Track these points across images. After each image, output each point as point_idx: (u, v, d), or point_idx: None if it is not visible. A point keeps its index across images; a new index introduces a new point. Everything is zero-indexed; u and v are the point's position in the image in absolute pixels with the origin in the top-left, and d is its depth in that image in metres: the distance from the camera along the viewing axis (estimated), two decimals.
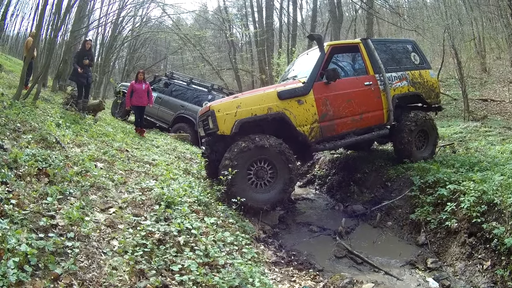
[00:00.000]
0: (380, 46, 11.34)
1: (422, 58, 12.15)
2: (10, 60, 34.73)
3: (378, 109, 10.65)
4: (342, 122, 10.06)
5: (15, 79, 19.26)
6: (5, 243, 3.75)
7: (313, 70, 9.87)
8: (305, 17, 49.77)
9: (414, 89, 11.41)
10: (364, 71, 10.92)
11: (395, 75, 11.06)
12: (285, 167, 8.95)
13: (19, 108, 9.89)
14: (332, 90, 9.87)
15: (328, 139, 9.97)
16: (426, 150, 11.54)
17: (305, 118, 9.46)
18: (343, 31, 31.26)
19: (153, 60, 59.58)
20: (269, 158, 8.90)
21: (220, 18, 43.69)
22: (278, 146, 8.80)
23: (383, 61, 10.92)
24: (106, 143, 10.47)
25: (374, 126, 10.76)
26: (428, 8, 37.69)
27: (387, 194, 10.11)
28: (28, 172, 5.87)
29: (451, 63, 27.03)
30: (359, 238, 8.65)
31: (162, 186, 7.40)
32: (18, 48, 55.01)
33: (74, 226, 4.74)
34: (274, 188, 8.93)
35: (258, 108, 8.99)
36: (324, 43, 10.35)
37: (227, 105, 9.06)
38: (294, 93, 9.41)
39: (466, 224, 7.28)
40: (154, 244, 4.97)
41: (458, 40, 24.77)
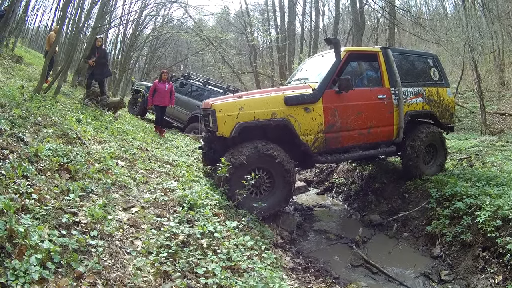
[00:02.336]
0: (400, 57, 10.97)
1: (442, 74, 11.72)
2: (29, 52, 34.95)
3: (388, 125, 10.27)
4: (348, 135, 9.68)
5: (34, 72, 19.38)
6: (28, 239, 3.77)
7: (325, 76, 9.45)
8: (326, 23, 49.51)
9: (428, 107, 11.01)
10: (379, 83, 10.41)
11: (411, 90, 10.66)
12: (282, 178, 8.63)
13: (40, 101, 9.97)
14: (343, 100, 9.48)
15: (331, 152, 9.61)
16: (434, 165, 11.25)
17: (310, 127, 9.08)
18: (364, 39, 31.06)
19: (174, 60, 59.60)
20: (267, 168, 8.60)
21: (242, 21, 43.54)
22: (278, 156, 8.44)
23: (401, 74, 10.47)
24: (127, 141, 10.51)
25: (381, 142, 10.37)
26: (449, 19, 37.49)
27: (404, 205, 10.06)
28: (49, 167, 5.93)
29: (470, 75, 26.89)
30: (375, 247, 8.64)
31: (184, 188, 7.42)
32: (38, 41, 55.30)
33: (97, 224, 4.79)
34: (269, 198, 8.60)
35: (261, 112, 8.61)
36: (341, 48, 9.82)
37: (229, 105, 8.72)
38: (302, 100, 9.00)
39: (481, 238, 7.32)
40: (178, 246, 5.00)
41: (478, 53, 24.59)
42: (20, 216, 4.17)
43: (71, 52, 16.75)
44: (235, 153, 8.32)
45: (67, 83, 19.64)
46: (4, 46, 20.82)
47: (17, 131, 6.71)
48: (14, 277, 3.35)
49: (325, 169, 14.88)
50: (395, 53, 10.74)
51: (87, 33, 25.81)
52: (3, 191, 4.44)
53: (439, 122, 11.36)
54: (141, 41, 38.29)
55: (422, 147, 10.62)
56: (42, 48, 48.47)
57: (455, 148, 14.13)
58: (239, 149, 8.38)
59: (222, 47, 39.02)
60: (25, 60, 22.98)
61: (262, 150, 8.32)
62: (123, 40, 38.86)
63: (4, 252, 3.55)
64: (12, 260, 3.48)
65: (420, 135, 10.64)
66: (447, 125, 11.70)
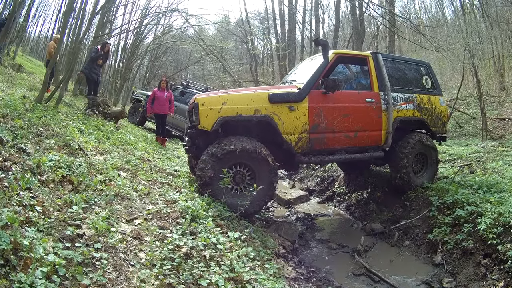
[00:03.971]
0: (391, 63, 10.93)
1: (435, 83, 11.69)
2: (30, 61, 34.96)
3: (376, 129, 10.20)
4: (334, 137, 9.60)
5: (35, 81, 19.45)
6: (33, 252, 3.78)
7: (312, 76, 9.45)
8: (326, 31, 49.48)
9: (419, 114, 10.94)
10: (368, 87, 10.38)
11: (402, 96, 10.62)
12: (264, 173, 8.59)
13: (41, 111, 9.98)
14: (329, 101, 9.44)
15: (316, 152, 9.50)
16: (425, 175, 11.09)
17: (294, 126, 9.01)
18: (364, 46, 31.09)
19: (174, 69, 59.49)
20: (248, 163, 8.53)
21: (242, 30, 43.50)
22: (257, 150, 8.38)
23: (392, 80, 10.47)
24: (128, 152, 10.54)
25: (369, 146, 10.26)
26: (449, 25, 37.57)
27: (405, 213, 10.05)
28: (52, 179, 5.93)
29: (470, 81, 26.91)
30: (377, 256, 8.64)
31: (186, 199, 7.43)
32: (38, 50, 55.42)
33: (100, 236, 4.79)
34: (246, 196, 8.28)
35: (244, 108, 8.63)
36: (329, 51, 9.86)
37: (212, 99, 8.77)
38: (286, 98, 8.99)
39: (482, 245, 7.32)
40: (181, 258, 5.01)
41: (478, 58, 24.62)
42: (24, 229, 4.17)
43: (72, 62, 16.81)
44: (225, 141, 8.33)
45: (68, 92, 19.68)
46: (5, 54, 20.87)
47: (19, 142, 6.69)
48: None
49: (327, 178, 14.89)
50: (386, 59, 10.74)
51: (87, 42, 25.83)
52: (6, 203, 4.43)
53: (431, 130, 11.33)
54: (142, 50, 38.34)
55: (411, 156, 10.58)
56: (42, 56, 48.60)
57: (456, 155, 14.10)
58: (231, 139, 8.40)
59: (223, 56, 38.93)
60: (26, 68, 23.05)
61: (251, 146, 8.30)
62: (124, 49, 38.84)
63: (9, 265, 3.54)
64: (17, 273, 3.49)
65: (409, 143, 10.59)
66: (439, 134, 11.66)
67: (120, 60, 39.42)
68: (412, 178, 10.62)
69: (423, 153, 10.95)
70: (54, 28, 48.09)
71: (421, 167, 11.15)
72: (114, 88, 35.68)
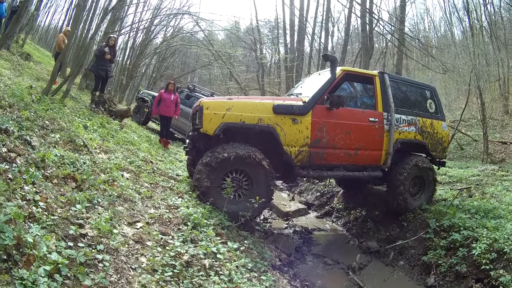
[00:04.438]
0: (397, 84, 10.96)
1: (438, 107, 11.69)
2: (38, 50, 35.05)
3: (377, 149, 10.23)
4: (334, 153, 9.61)
5: (42, 71, 19.50)
6: (36, 249, 3.79)
7: (317, 91, 9.51)
8: (335, 44, 49.50)
9: (421, 138, 10.92)
10: (372, 106, 10.45)
11: (405, 118, 10.61)
12: (260, 177, 8.61)
13: (48, 104, 9.99)
14: (332, 117, 9.45)
15: (315, 167, 9.53)
16: (422, 196, 11.02)
17: (296, 139, 9.04)
18: (372, 62, 31.11)
19: (181, 71, 59.41)
20: (244, 169, 8.54)
21: (251, 38, 43.45)
22: (251, 155, 8.37)
23: (396, 101, 10.47)
24: (132, 152, 10.56)
25: (368, 165, 10.28)
26: (457, 45, 37.54)
27: (402, 233, 10.08)
28: (56, 174, 5.95)
29: (474, 103, 26.88)
30: (371, 274, 8.65)
31: (188, 206, 7.45)
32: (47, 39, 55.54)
33: (103, 238, 4.81)
34: (247, 201, 8.35)
35: (248, 116, 8.65)
36: (337, 67, 9.91)
37: (217, 104, 8.80)
38: (290, 110, 9.01)
39: (475, 270, 7.41)
40: (182, 266, 5.04)
41: (484, 81, 24.64)
42: (28, 225, 4.19)
43: (82, 57, 16.85)
44: (219, 149, 8.35)
45: (75, 86, 19.72)
46: (14, 41, 20.94)
47: (24, 134, 6.70)
48: (22, 286, 3.38)
49: (326, 193, 14.91)
50: (393, 79, 10.76)
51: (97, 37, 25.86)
52: (10, 196, 4.45)
53: (431, 155, 11.34)
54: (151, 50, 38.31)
55: (407, 182, 10.52)
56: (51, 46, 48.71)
57: (455, 177, 14.13)
58: (224, 146, 8.42)
59: (231, 62, 38.80)
60: (34, 58, 23.09)
61: (244, 152, 8.31)
62: (133, 47, 38.80)
63: (11, 260, 3.56)
64: (19, 269, 3.51)
65: (407, 165, 10.56)
66: (439, 159, 11.66)
67: (128, 57, 39.46)
68: (410, 202, 10.60)
69: (419, 175, 10.89)
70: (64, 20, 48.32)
71: (418, 189, 11.10)
72: (120, 85, 35.71)
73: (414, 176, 10.75)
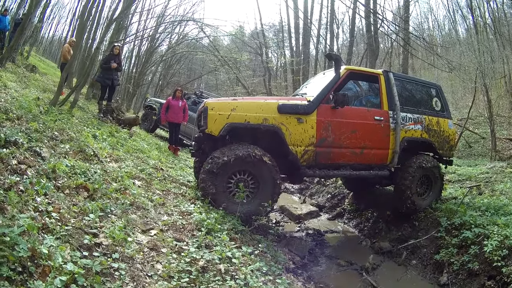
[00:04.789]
0: (402, 82, 10.91)
1: (444, 105, 11.65)
2: (43, 62, 35.18)
3: (383, 148, 10.16)
4: (340, 152, 9.58)
5: (48, 82, 19.61)
6: (52, 260, 3.78)
7: (322, 90, 9.51)
8: (340, 46, 49.34)
9: (427, 136, 10.85)
10: (378, 105, 10.43)
11: (411, 116, 10.55)
12: (265, 174, 8.57)
13: (56, 115, 10.05)
14: (338, 116, 9.43)
15: (321, 166, 9.50)
16: (431, 194, 10.97)
17: (301, 138, 9.03)
18: (378, 62, 31.02)
19: (188, 78, 59.47)
20: (247, 169, 8.53)
21: (257, 42, 43.39)
22: (250, 154, 8.33)
23: (401, 99, 10.46)
24: (142, 160, 10.59)
25: (374, 164, 10.25)
26: (462, 43, 37.45)
27: (414, 233, 10.05)
28: (67, 185, 5.95)
29: (481, 100, 26.80)
30: (384, 274, 8.64)
31: (200, 211, 7.45)
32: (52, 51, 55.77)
33: (118, 246, 4.82)
34: (255, 201, 8.50)
35: (253, 116, 8.66)
36: (342, 66, 9.91)
37: (222, 105, 8.82)
38: (295, 110, 9.03)
39: (487, 267, 7.37)
40: (198, 271, 5.04)
41: (489, 78, 24.55)
42: (42, 236, 4.19)
43: (88, 67, 16.91)
44: (217, 154, 8.35)
45: (82, 96, 19.78)
46: (19, 54, 21.02)
47: (34, 145, 6.73)
48: None
49: (337, 194, 14.88)
50: (397, 78, 10.71)
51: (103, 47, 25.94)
52: (22, 208, 4.46)
53: (438, 153, 11.28)
54: (156, 57, 38.37)
55: (413, 185, 10.48)
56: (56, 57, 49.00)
57: (465, 175, 14.12)
58: (222, 150, 8.42)
59: (237, 67, 38.70)
60: (39, 69, 23.19)
61: (243, 152, 8.30)
62: (138, 55, 38.88)
63: (27, 272, 3.55)
64: (35, 281, 3.50)
65: (412, 167, 10.50)
66: (446, 157, 11.62)
67: (134, 65, 39.53)
68: (418, 203, 10.53)
69: (426, 174, 10.84)
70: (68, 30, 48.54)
71: (426, 188, 11.04)
72: (127, 93, 35.78)
73: (420, 176, 10.70)
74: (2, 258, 3.37)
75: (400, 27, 25.33)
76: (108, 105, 15.53)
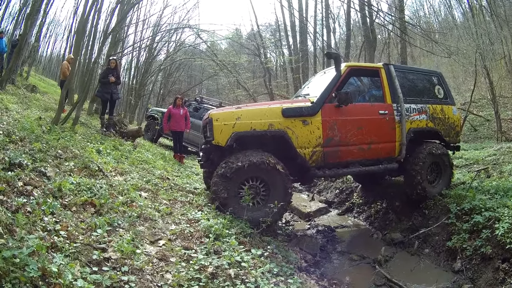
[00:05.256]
0: (403, 74, 10.81)
1: (447, 92, 11.54)
2: (43, 81, 35.22)
3: (390, 141, 10.10)
4: (348, 150, 9.54)
5: (50, 101, 19.65)
6: (62, 278, 3.78)
7: (324, 90, 9.47)
8: (338, 40, 49.24)
9: (432, 125, 10.78)
10: (381, 99, 10.31)
11: (414, 107, 10.48)
12: (277, 182, 8.54)
13: (59, 133, 10.07)
14: (342, 114, 9.39)
15: (330, 166, 9.44)
16: (441, 182, 10.90)
17: (308, 140, 8.99)
18: (376, 53, 30.92)
19: (188, 85, 59.54)
20: (259, 175, 8.49)
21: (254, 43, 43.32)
22: (264, 161, 8.32)
23: (404, 91, 10.37)
24: (147, 171, 10.60)
25: (383, 158, 10.15)
26: (459, 28, 37.38)
27: (424, 221, 10.00)
28: (74, 202, 5.99)
29: (483, 83, 26.76)
30: (397, 265, 8.63)
31: (208, 218, 7.44)
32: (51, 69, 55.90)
33: (127, 259, 4.83)
34: (266, 206, 8.39)
35: (258, 123, 8.63)
36: (342, 63, 9.79)
37: (226, 115, 8.78)
38: (300, 112, 8.99)
39: (500, 251, 7.34)
40: (207, 278, 5.02)
41: (489, 60, 24.47)
42: (51, 255, 4.20)
43: (87, 82, 16.99)
44: (232, 159, 8.35)
45: (84, 111, 19.84)
46: (18, 75, 21.08)
47: (38, 166, 6.78)
48: None
49: (345, 189, 14.84)
50: (398, 70, 10.66)
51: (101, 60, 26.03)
52: (31, 229, 4.48)
53: (444, 140, 11.18)
54: (155, 67, 38.44)
55: (424, 171, 10.44)
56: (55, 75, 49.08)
57: (472, 159, 14.06)
58: (237, 156, 8.42)
59: (236, 70, 38.59)
60: (39, 89, 23.24)
61: (258, 158, 8.30)
62: (137, 66, 39.00)
63: None
64: None
65: (422, 153, 10.46)
66: (453, 144, 11.53)
67: (134, 77, 39.64)
68: (429, 190, 10.46)
69: (435, 162, 10.79)
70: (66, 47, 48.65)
71: (436, 175, 10.97)
72: (129, 105, 35.86)
73: (430, 163, 10.64)
74: (14, 279, 3.39)
75: (395, 17, 25.27)
76: (110, 119, 15.60)
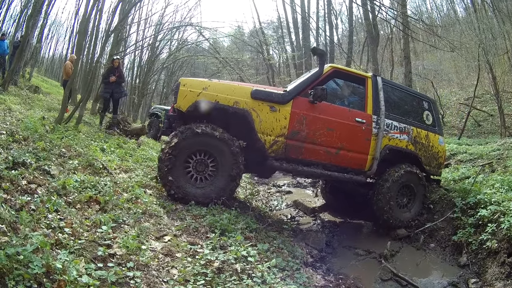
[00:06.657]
0: (391, 89, 10.53)
1: (436, 120, 11.16)
2: (46, 81, 35.32)
3: (362, 152, 9.62)
4: (313, 148, 9.13)
5: (53, 101, 19.67)
6: (66, 274, 3.77)
7: (301, 82, 9.34)
8: (340, 36, 49.14)
9: (413, 148, 10.25)
10: (362, 107, 9.88)
11: (396, 124, 10.00)
12: (226, 158, 8.29)
13: (62, 132, 10.09)
14: (315, 110, 9.04)
15: (290, 160, 9.04)
16: (412, 210, 10.23)
17: (272, 127, 8.70)
18: (379, 49, 30.87)
19: None
20: (209, 150, 8.28)
21: (257, 40, 43.30)
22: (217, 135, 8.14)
23: (388, 106, 9.96)
24: (152, 168, 10.53)
25: (351, 168, 9.67)
26: (461, 23, 37.27)
27: (430, 216, 9.98)
28: (78, 199, 5.98)
29: (486, 78, 26.71)
30: (403, 260, 8.63)
31: (213, 213, 7.43)
32: (53, 70, 55.97)
33: (132, 255, 4.82)
34: (214, 183, 8.27)
35: (224, 97, 8.44)
36: (326, 62, 9.56)
37: (194, 82, 8.73)
38: (269, 97, 8.75)
39: (506, 244, 7.33)
40: (214, 273, 5.01)
41: (492, 55, 24.40)
42: (56, 252, 4.19)
43: (90, 82, 17.01)
44: (182, 129, 8.18)
45: (87, 111, 19.87)
46: (20, 76, 21.12)
47: (42, 164, 6.79)
48: None
49: None
50: (386, 83, 10.34)
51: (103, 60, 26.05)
52: (35, 226, 4.47)
53: (424, 169, 10.59)
54: (158, 65, 38.45)
55: (394, 188, 9.96)
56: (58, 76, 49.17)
57: (476, 154, 14.05)
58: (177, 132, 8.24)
59: (239, 67, 38.66)
60: (42, 89, 23.32)
61: (204, 129, 8.12)
62: (140, 65, 38.96)
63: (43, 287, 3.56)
64: None
65: (394, 174, 9.98)
66: (433, 175, 11.01)
67: (137, 76, 39.64)
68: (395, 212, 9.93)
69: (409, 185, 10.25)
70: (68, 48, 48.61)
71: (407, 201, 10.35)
72: (133, 104, 35.89)
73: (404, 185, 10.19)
74: (18, 276, 3.38)
75: (398, 11, 25.22)
76: (114, 118, 15.66)
